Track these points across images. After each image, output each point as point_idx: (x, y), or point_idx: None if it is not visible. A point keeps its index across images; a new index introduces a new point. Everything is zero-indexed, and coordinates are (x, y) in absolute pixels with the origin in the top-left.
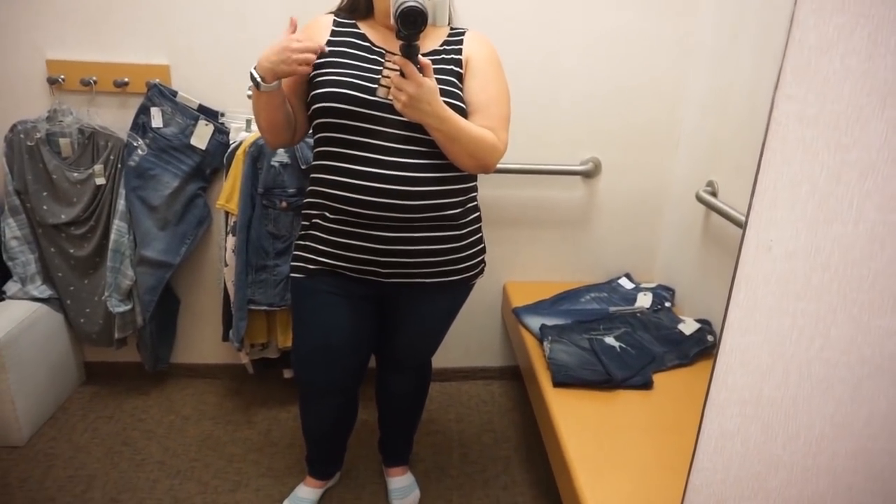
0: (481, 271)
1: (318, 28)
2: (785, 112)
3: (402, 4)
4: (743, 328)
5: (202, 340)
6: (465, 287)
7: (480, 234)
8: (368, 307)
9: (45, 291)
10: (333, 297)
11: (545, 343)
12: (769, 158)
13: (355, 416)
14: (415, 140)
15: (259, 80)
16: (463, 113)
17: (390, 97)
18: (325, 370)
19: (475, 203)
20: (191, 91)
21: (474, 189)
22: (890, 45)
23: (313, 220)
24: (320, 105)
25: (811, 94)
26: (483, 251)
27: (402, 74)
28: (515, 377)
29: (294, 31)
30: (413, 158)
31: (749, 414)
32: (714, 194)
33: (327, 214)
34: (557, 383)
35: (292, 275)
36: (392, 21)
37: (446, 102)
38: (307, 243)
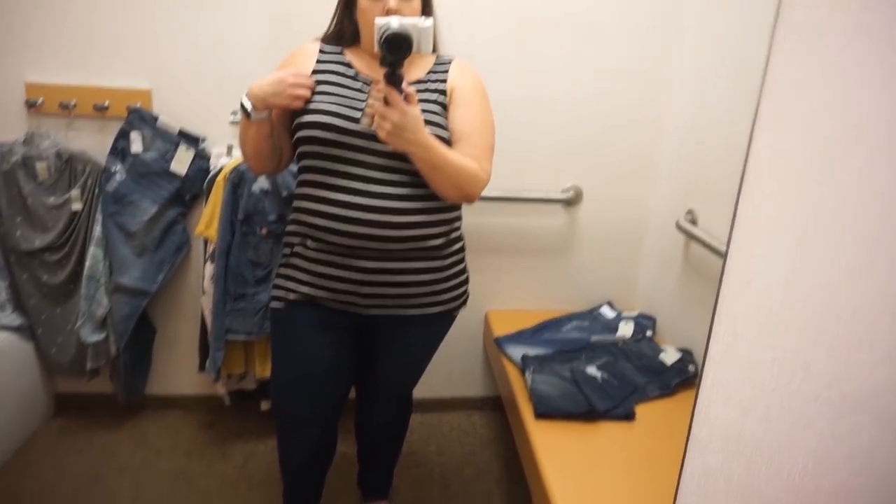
0: (464, 302)
1: (304, 55)
2: (763, 146)
3: (386, 30)
4: (724, 363)
5: (178, 370)
6: (447, 318)
7: (464, 265)
8: (348, 338)
9: (16, 320)
10: (312, 327)
11: (527, 374)
12: (747, 193)
13: (334, 449)
14: (397, 170)
15: (249, 109)
16: (447, 143)
17: (374, 127)
18: (303, 401)
19: (459, 234)
20: (172, 116)
21: (458, 219)
22: (864, 82)
23: (294, 249)
24: (303, 133)
25: (788, 130)
26: (466, 282)
27: (387, 102)
28: (497, 407)
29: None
30: (394, 188)
31: (732, 450)
32: (694, 223)
33: (309, 243)
34: (539, 415)
35: (272, 304)
36: (376, 47)
37: (430, 132)
38: (287, 272)
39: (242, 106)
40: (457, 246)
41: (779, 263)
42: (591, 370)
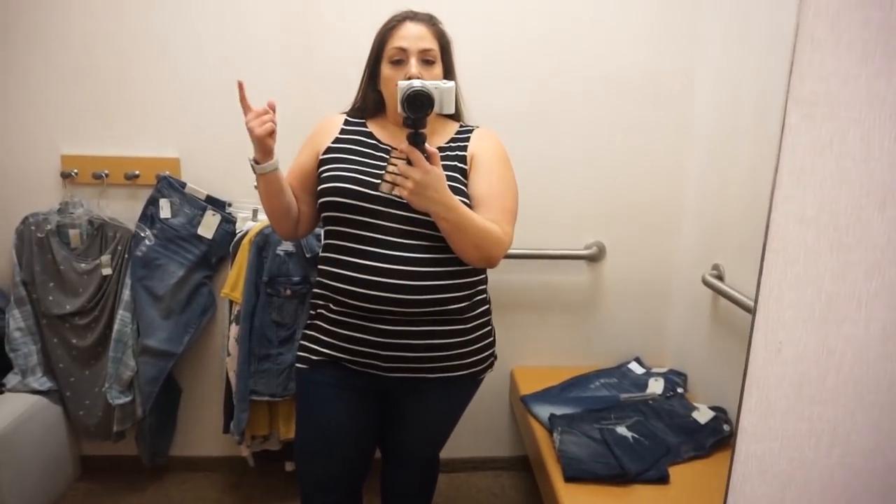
0: (490, 365)
1: (330, 126)
2: (784, 213)
3: (408, 89)
4: (758, 434)
5: (202, 432)
6: (472, 382)
7: (489, 328)
8: (371, 399)
9: (45, 383)
10: (334, 388)
11: (555, 434)
12: (772, 260)
13: None
14: (417, 234)
15: (252, 163)
16: (469, 208)
17: (395, 193)
18: (323, 463)
19: (484, 296)
20: (199, 182)
21: (482, 282)
22: (884, 147)
23: (318, 311)
24: (325, 199)
25: (809, 195)
26: (492, 345)
27: (409, 162)
28: (526, 467)
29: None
30: (415, 253)
31: None
32: (720, 277)
33: (331, 306)
34: (568, 478)
35: (297, 365)
36: (399, 108)
37: None
38: (312, 333)
39: (250, 162)
40: (481, 309)
41: (809, 330)
42: (622, 430)
